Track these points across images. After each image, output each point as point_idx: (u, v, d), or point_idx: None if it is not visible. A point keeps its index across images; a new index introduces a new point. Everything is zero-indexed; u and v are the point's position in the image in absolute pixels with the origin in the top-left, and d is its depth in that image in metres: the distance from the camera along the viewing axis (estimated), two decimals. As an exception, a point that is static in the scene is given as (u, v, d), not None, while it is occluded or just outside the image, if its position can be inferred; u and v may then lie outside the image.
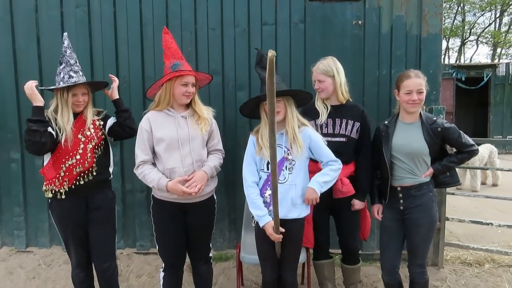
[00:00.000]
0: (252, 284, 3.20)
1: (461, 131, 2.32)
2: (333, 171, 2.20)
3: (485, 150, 6.68)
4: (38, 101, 2.15)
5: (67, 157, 2.22)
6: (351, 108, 2.58)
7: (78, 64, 2.27)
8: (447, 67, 11.67)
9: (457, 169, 2.47)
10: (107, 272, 2.41)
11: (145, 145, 2.22)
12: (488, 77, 11.50)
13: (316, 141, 2.21)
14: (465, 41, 22.94)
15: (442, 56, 24.49)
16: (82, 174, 2.26)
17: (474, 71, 11.59)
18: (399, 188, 2.36)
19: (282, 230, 2.07)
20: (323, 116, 2.53)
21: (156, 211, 2.31)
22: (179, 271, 2.40)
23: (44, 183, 2.25)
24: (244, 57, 3.46)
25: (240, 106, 2.32)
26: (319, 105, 2.57)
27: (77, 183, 2.25)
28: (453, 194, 3.54)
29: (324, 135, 2.51)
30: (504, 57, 22.13)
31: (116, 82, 2.49)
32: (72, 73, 2.20)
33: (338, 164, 2.22)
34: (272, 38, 3.44)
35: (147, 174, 2.19)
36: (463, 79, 11.45)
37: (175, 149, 2.20)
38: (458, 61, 21.70)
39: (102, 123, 2.41)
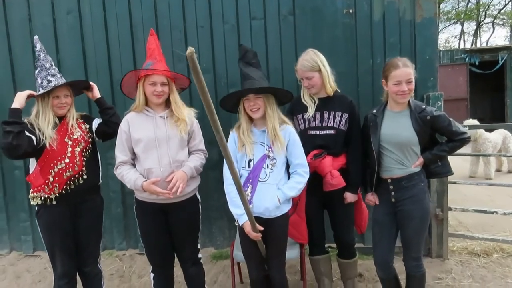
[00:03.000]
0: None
1: (451, 119, 2.23)
2: (299, 183, 2.17)
3: (499, 136, 6.46)
4: (17, 103, 2.17)
5: (55, 161, 2.21)
6: (339, 99, 2.52)
7: (54, 66, 2.27)
8: (459, 52, 11.35)
9: (470, 157, 2.32)
10: (89, 276, 2.43)
11: (124, 146, 2.23)
12: (503, 60, 11.11)
13: (294, 139, 2.19)
14: (481, 24, 22.22)
15: (457, 41, 23.84)
16: (72, 179, 2.25)
17: (488, 55, 11.24)
18: (389, 180, 2.29)
19: (260, 228, 2.04)
20: (310, 110, 2.48)
21: (139, 213, 2.31)
22: (168, 272, 2.41)
23: (31, 191, 2.25)
24: (235, 53, 3.41)
25: (220, 99, 2.29)
26: (306, 99, 2.52)
27: (68, 188, 2.24)
28: (455, 182, 3.42)
29: (312, 128, 2.48)
30: (523, 38, 21.36)
31: (95, 85, 2.51)
32: (50, 77, 2.21)
33: (306, 175, 2.19)
34: (262, 33, 3.39)
35: (125, 174, 2.20)
36: (477, 63, 11.10)
37: (152, 149, 2.20)
38: (474, 45, 21.05)
39: (88, 126, 2.41)
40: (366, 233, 3.01)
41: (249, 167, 2.14)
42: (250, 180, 2.09)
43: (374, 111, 2.37)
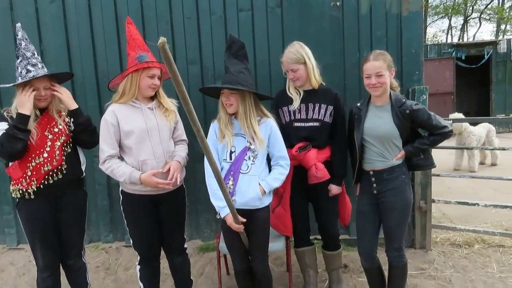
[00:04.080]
0: (238, 273, 3.20)
1: (432, 112, 2.25)
2: (282, 175, 2.21)
3: (483, 129, 6.57)
4: (28, 109, 2.07)
5: (33, 155, 2.14)
6: (324, 92, 2.53)
7: (36, 56, 2.18)
8: (446, 47, 11.46)
9: (454, 150, 2.37)
10: (73, 269, 2.41)
11: (112, 139, 2.16)
12: (489, 54, 11.27)
13: (275, 133, 2.20)
14: (468, 18, 22.46)
15: (445, 36, 24.07)
16: (50, 173, 2.18)
17: (474, 49, 11.37)
18: (371, 172, 2.32)
19: (243, 220, 2.05)
20: (296, 102, 2.49)
21: (127, 206, 2.28)
22: (156, 263, 2.41)
23: (11, 183, 2.20)
24: (222, 45, 3.39)
25: (201, 88, 2.34)
26: (291, 92, 2.53)
27: (46, 183, 2.17)
28: (438, 175, 3.48)
29: (297, 120, 2.49)
30: (509, 33, 21.70)
31: (65, 93, 2.27)
32: (29, 67, 2.12)
33: (287, 167, 2.23)
34: (249, 24, 3.37)
35: (115, 168, 2.14)
36: (463, 58, 11.24)
37: (145, 140, 2.18)
38: (461, 40, 21.30)
39: (72, 119, 2.32)
40: (351, 224, 3.04)
41: (230, 159, 2.14)
42: (232, 172, 2.10)
43: (359, 104, 2.40)
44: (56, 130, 2.23)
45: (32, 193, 2.17)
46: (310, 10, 3.31)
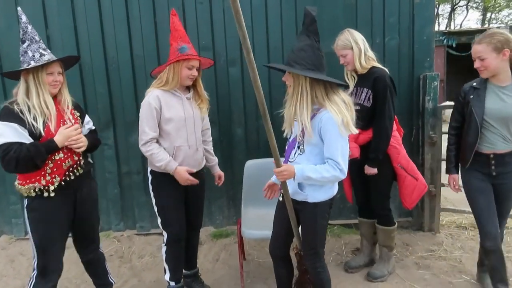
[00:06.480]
0: (254, 258, 3.24)
1: None
2: (327, 172, 1.81)
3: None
4: (60, 142, 1.98)
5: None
6: (367, 76, 2.56)
7: (41, 40, 2.06)
8: (437, 34, 11.59)
9: None
10: (92, 262, 2.38)
11: (154, 122, 2.27)
12: (479, 42, 11.43)
13: (326, 129, 1.81)
14: (455, 6, 22.70)
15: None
16: (71, 169, 2.07)
17: (465, 37, 11.52)
18: (492, 155, 2.28)
19: (283, 166, 1.85)
20: (350, 88, 2.64)
21: (157, 185, 2.39)
22: (182, 242, 2.48)
23: (19, 182, 2.00)
24: (234, 31, 3.36)
25: (266, 64, 2.46)
26: (348, 78, 2.68)
27: (68, 179, 2.05)
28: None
29: None
30: (494, 21, 22.05)
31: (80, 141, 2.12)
32: (42, 51, 1.99)
33: (339, 170, 1.81)
34: (262, 9, 3.34)
35: (156, 153, 2.26)
36: (454, 45, 11.40)
37: (182, 128, 2.34)
38: (448, 28, 21.54)
39: (78, 114, 2.22)
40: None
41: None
42: (284, 160, 2.01)
43: (475, 84, 2.31)
44: (69, 123, 2.09)
45: (52, 191, 2.02)
46: (323, -4, 3.30)
